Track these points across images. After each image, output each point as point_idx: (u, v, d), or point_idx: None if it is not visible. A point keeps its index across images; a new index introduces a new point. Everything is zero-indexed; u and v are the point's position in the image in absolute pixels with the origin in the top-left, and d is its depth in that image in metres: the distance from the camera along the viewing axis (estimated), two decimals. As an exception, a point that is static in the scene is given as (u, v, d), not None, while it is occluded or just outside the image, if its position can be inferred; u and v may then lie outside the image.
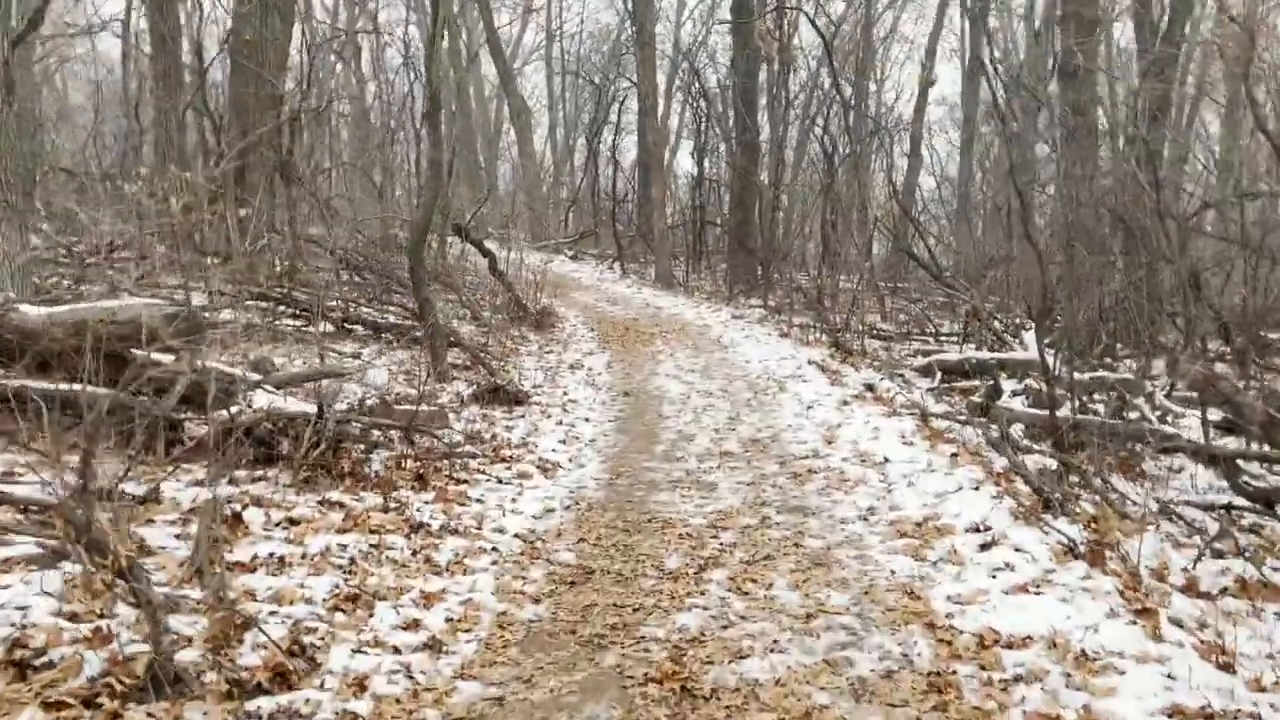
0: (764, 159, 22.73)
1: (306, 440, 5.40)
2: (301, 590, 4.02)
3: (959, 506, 5.70)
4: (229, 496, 4.79)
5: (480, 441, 7.35)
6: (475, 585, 4.59)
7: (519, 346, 12.71)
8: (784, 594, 4.59)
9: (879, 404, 9.18)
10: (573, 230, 30.61)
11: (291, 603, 3.90)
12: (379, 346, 10.13)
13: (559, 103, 38.38)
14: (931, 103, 29.95)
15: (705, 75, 25.91)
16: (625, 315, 16.62)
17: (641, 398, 10.00)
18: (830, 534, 5.50)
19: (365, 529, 4.89)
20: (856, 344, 13.18)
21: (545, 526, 5.68)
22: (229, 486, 4.98)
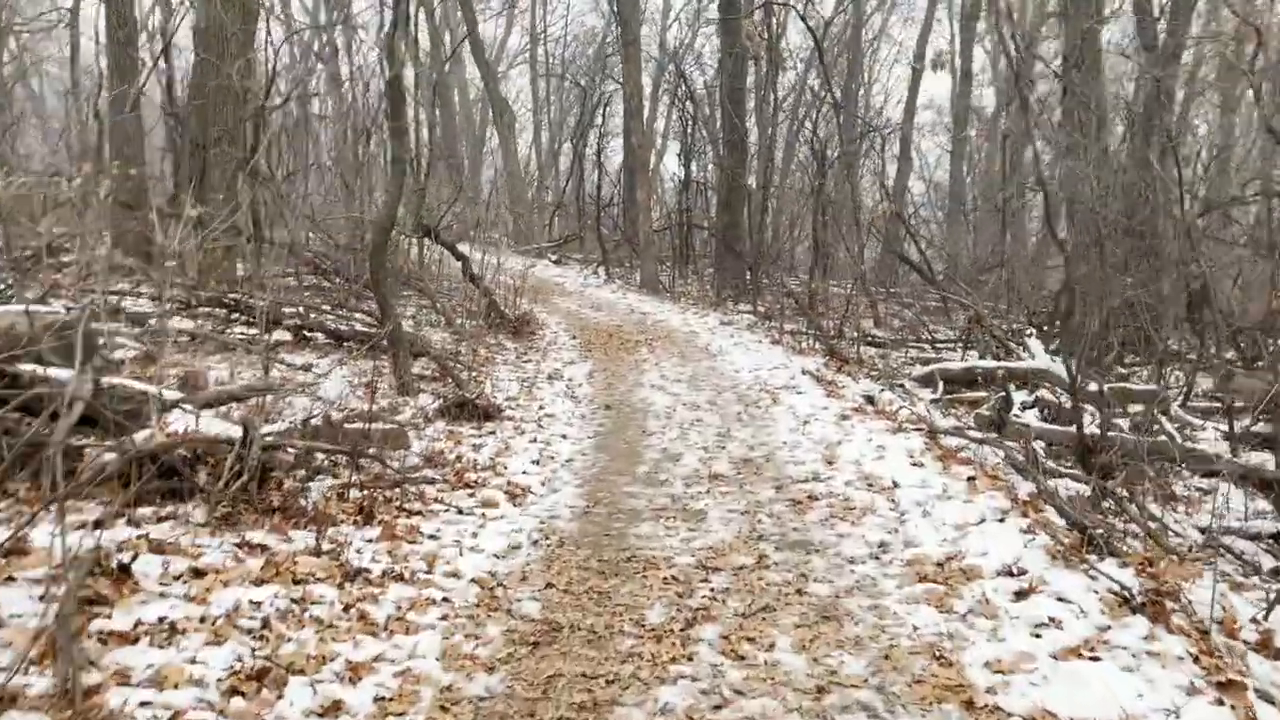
0: (752, 161, 22.06)
1: (227, 469, 4.61)
2: (191, 668, 3.23)
3: (985, 543, 4.95)
4: (121, 542, 4.00)
5: (442, 464, 6.57)
6: (417, 649, 3.81)
7: (495, 355, 11.93)
8: (787, 658, 3.83)
9: (881, 418, 8.44)
10: (557, 235, 29.86)
11: (176, 686, 3.12)
12: (339, 356, 9.33)
13: (544, 106, 37.66)
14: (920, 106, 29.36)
15: (692, 78, 25.26)
16: (609, 322, 15.85)
17: (624, 411, 9.23)
18: (838, 577, 4.74)
19: (288, 579, 4.10)
20: (852, 351, 12.46)
21: (509, 568, 4.90)
22: (127, 528, 4.19)
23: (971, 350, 12.32)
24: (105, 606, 3.51)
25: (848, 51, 25.79)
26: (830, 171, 20.16)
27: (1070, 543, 4.73)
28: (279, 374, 7.62)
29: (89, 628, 3.35)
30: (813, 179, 20.29)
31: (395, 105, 9.01)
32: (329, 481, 5.53)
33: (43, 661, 2.99)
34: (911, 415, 8.44)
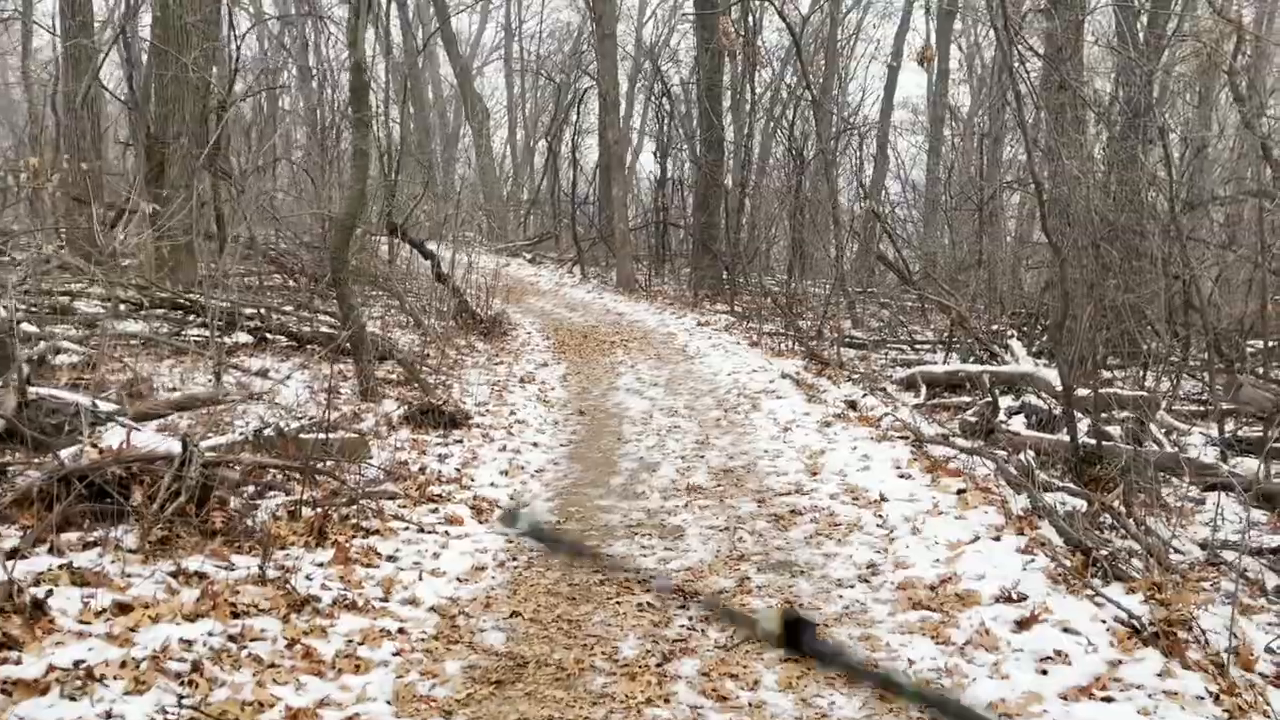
0: (729, 159, 21.78)
1: (164, 489, 4.23)
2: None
3: (980, 564, 4.65)
4: (39, 574, 3.62)
5: (404, 477, 6.21)
6: (367, 690, 3.46)
7: (465, 358, 11.55)
8: (773, 699, 3.51)
9: (864, 424, 8.16)
10: (532, 233, 29.47)
11: (85, 745, 2.75)
12: (299, 360, 8.93)
13: (519, 102, 37.24)
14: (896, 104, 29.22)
15: (668, 75, 24.94)
16: (584, 322, 15.51)
17: (599, 417, 8.90)
18: (825, 602, 4.42)
19: (226, 612, 3.73)
20: (831, 353, 12.18)
21: (471, 593, 4.55)
22: (48, 556, 3.80)
23: (953, 353, 12.08)
24: (14, 650, 3.13)
25: (825, 49, 25.57)
26: (808, 170, 19.92)
27: (1072, 565, 4.44)
28: (233, 380, 7.22)
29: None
30: (790, 177, 20.05)
31: (358, 95, 8.61)
32: (280, 499, 5.15)
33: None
34: (895, 421, 8.15)
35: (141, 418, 4.88)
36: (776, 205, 22.12)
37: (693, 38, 23.31)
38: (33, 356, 5.46)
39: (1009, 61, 6.57)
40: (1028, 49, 7.35)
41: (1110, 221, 10.71)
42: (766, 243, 22.48)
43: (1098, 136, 13.57)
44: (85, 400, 4.54)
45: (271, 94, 18.80)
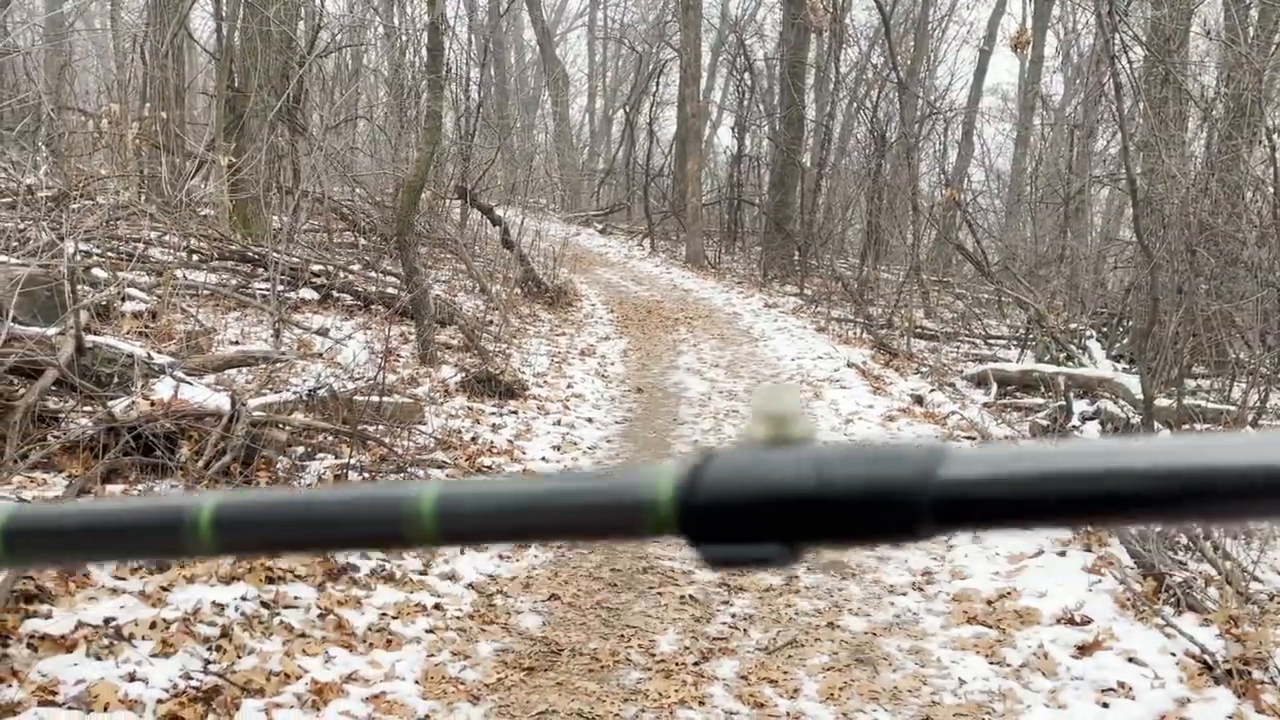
0: (808, 139, 21.36)
1: (211, 446, 4.20)
2: (129, 686, 2.82)
3: (1042, 580, 4.42)
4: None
5: (455, 446, 6.15)
6: (396, 668, 3.39)
7: (527, 326, 11.49)
8: (813, 709, 3.35)
9: (930, 421, 7.90)
10: (604, 204, 29.34)
11: (106, 708, 2.71)
12: (362, 320, 8.94)
13: (599, 71, 37.03)
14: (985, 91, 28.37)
15: (751, 49, 24.51)
16: (649, 296, 15.36)
17: (656, 395, 8.76)
18: (875, 609, 4.24)
19: (261, 576, 3.69)
20: (900, 344, 11.85)
21: (512, 571, 4.47)
22: (91, 507, 3.80)
23: (1028, 351, 11.67)
24: (46, 603, 3.12)
25: (915, 29, 24.88)
26: (889, 153, 19.43)
27: (1142, 590, 4.19)
28: (293, 337, 7.23)
29: (22, 629, 2.96)
30: (870, 160, 19.59)
31: (434, 55, 8.53)
32: (328, 461, 5.12)
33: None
34: (963, 420, 7.88)
35: (196, 371, 4.87)
36: (854, 188, 21.67)
37: (779, 12, 22.83)
38: (95, 303, 5.49)
39: (1111, 50, 6.22)
40: (1131, 38, 6.95)
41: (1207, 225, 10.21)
42: (841, 225, 22.07)
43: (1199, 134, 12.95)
44: (140, 351, 4.54)
45: (354, 51, 18.89)
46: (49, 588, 3.17)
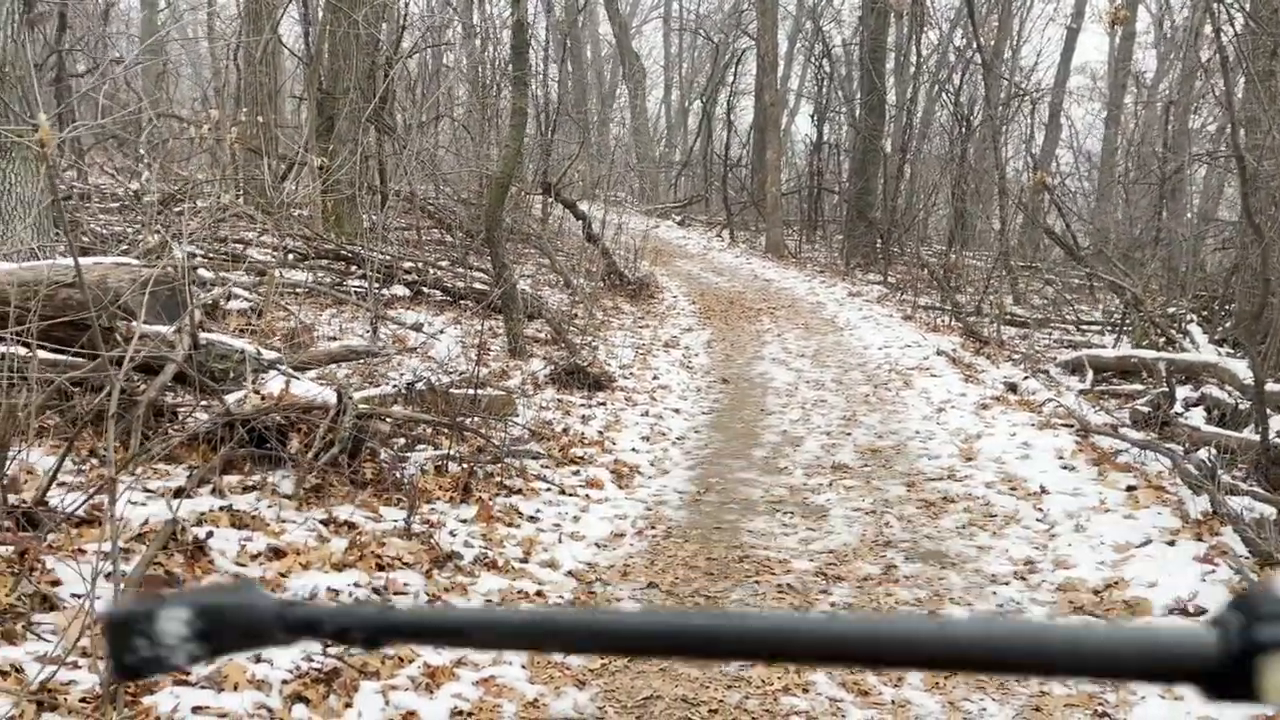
0: (889, 124, 21.04)
1: (319, 438, 4.35)
2: (255, 667, 2.95)
3: (1152, 570, 4.31)
4: (201, 514, 3.77)
5: (548, 437, 6.24)
6: (503, 653, 3.47)
7: (611, 319, 11.58)
8: (918, 698, 3.33)
9: (1024, 409, 7.74)
10: (682, 195, 29.33)
11: (236, 688, 2.84)
12: (453, 315, 9.12)
13: (675, 62, 37.01)
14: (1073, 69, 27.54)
15: (829, 35, 24.23)
16: (731, 287, 15.33)
17: (742, 386, 8.76)
18: (978, 599, 4.19)
19: (372, 563, 3.81)
20: (991, 331, 11.62)
21: (609, 560, 4.53)
22: (210, 497, 3.97)
23: (1124, 336, 11.33)
24: (176, 588, 3.27)
25: (998, 9, 24.30)
26: (973, 137, 19.03)
27: (1259, 580, 4.05)
28: (388, 332, 7.41)
29: (154, 611, 3.11)
30: (954, 144, 19.22)
31: (518, 53, 8.64)
32: (428, 453, 5.25)
33: (95, 653, 2.74)
34: (1059, 407, 7.70)
35: (301, 367, 5.04)
36: (938, 173, 21.29)
37: (858, -4, 22.53)
38: (206, 302, 5.71)
39: (1215, 22, 6.00)
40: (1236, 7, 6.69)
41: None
42: (925, 211, 21.70)
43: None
44: (250, 347, 4.71)
45: (436, 50, 19.22)
46: (177, 573, 3.32)
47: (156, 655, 0.58)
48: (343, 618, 0.58)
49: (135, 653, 0.58)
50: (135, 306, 3.94)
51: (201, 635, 0.57)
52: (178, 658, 0.58)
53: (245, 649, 0.60)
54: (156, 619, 0.57)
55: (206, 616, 0.58)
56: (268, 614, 0.58)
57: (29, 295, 3.95)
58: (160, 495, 3.87)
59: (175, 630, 0.57)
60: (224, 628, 0.58)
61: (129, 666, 0.59)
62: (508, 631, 0.59)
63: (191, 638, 0.57)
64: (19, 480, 3.49)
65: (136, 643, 0.58)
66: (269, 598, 0.59)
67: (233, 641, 0.58)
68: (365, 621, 0.57)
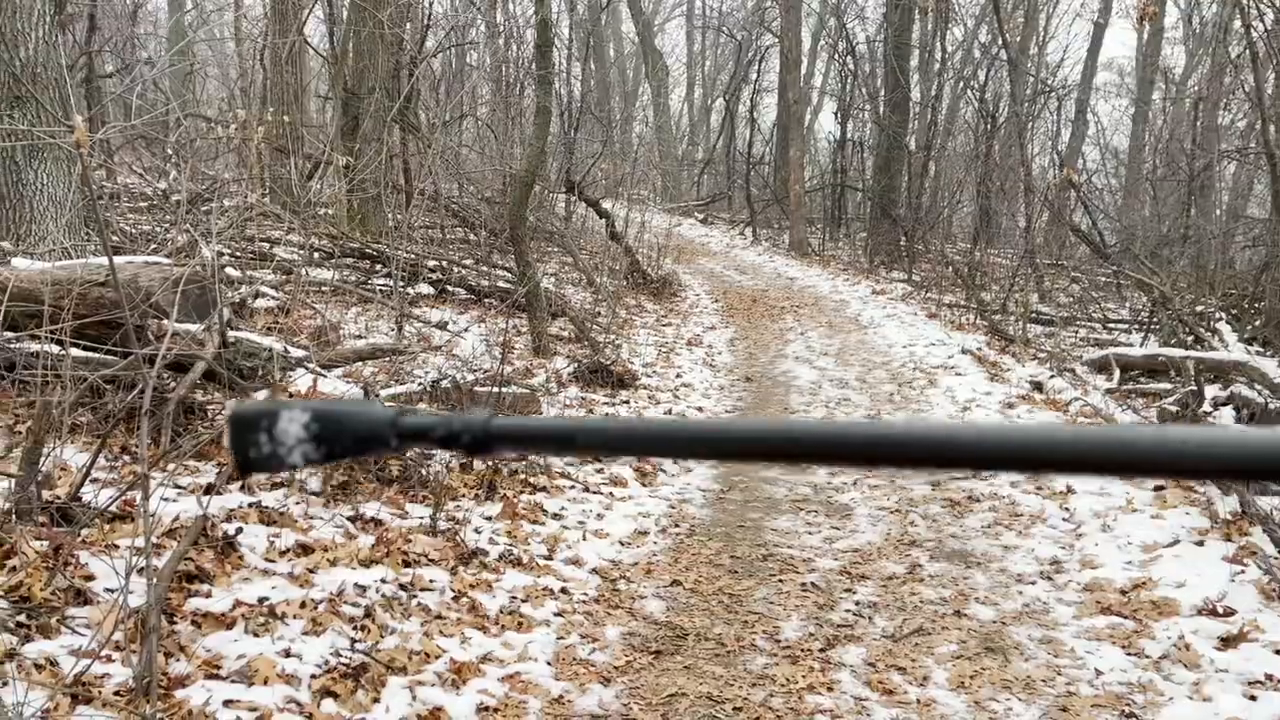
0: (913, 121, 20.92)
1: (346, 436, 4.38)
2: (285, 661, 2.98)
3: (1179, 570, 4.28)
4: (231, 510, 3.81)
5: (571, 434, 6.24)
6: (528, 650, 3.49)
7: (634, 317, 11.60)
8: (944, 697, 3.33)
9: (1051, 408, 7.69)
10: (705, 193, 29.30)
11: (266, 681, 2.87)
12: (477, 313, 9.15)
13: (698, 60, 36.96)
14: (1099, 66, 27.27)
15: (853, 32, 24.11)
16: (754, 286, 15.31)
17: (765, 385, 8.75)
18: (1003, 599, 4.17)
19: (399, 560, 3.84)
20: (1016, 329, 11.54)
21: (633, 557, 4.54)
22: (240, 494, 4.01)
23: (1152, 334, 11.23)
24: (205, 583, 3.31)
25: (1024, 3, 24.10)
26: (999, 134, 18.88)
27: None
28: (413, 330, 7.46)
29: (186, 606, 3.16)
30: (979, 141, 19.09)
31: (543, 52, 8.66)
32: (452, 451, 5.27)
33: (129, 647, 2.79)
34: (1085, 407, 7.64)
35: (328, 364, 5.08)
36: (962, 170, 21.16)
37: (882, -7, 22.42)
38: (234, 300, 5.77)
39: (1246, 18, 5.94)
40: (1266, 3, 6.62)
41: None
42: (949, 209, 21.56)
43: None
44: (278, 345, 4.76)
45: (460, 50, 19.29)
46: (207, 568, 3.36)
47: (275, 452, 0.60)
48: (453, 423, 0.59)
49: (258, 448, 0.60)
50: (167, 305, 3.99)
51: (318, 439, 0.60)
52: (294, 457, 0.60)
53: (359, 454, 0.62)
54: (279, 419, 0.60)
55: (324, 421, 0.60)
56: (382, 421, 0.59)
57: (62, 294, 4.00)
58: (191, 492, 3.92)
59: (295, 431, 0.59)
60: (340, 432, 0.60)
61: (251, 460, 0.61)
62: (611, 438, 0.60)
63: (309, 439, 0.60)
64: (53, 476, 3.55)
65: (259, 439, 0.60)
66: (384, 408, 0.60)
67: (347, 446, 0.60)
68: (472, 427, 0.58)
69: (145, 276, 4.20)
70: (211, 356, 4.27)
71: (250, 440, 0.60)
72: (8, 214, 5.98)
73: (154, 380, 3.57)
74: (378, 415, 0.60)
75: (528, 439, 0.64)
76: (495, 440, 0.58)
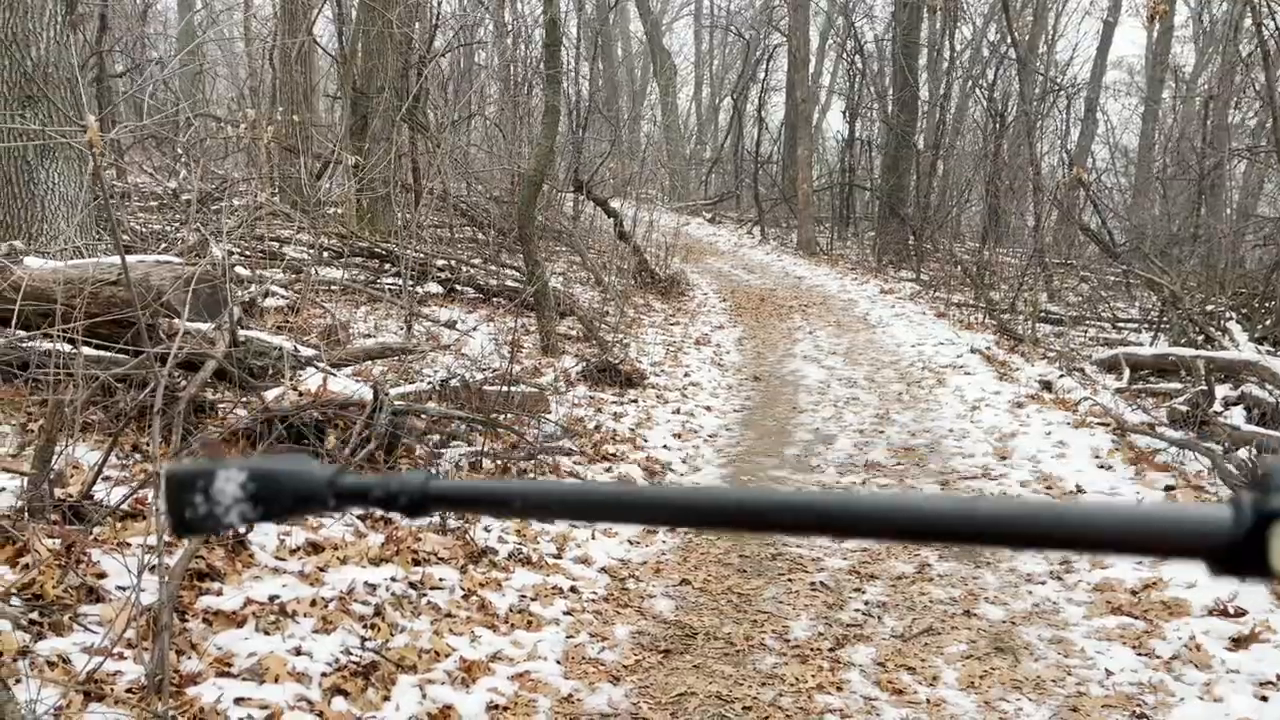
0: (922, 120, 20.89)
1: (356, 434, 4.40)
2: (296, 659, 2.99)
3: (1191, 571, 4.25)
4: (242, 509, 3.82)
5: (580, 433, 6.26)
6: (538, 648, 3.50)
7: (642, 316, 11.60)
8: (954, 697, 3.32)
9: (1060, 407, 7.66)
10: (713, 192, 29.29)
11: (277, 679, 2.88)
12: (486, 313, 9.17)
13: (706, 59, 36.97)
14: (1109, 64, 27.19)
15: (861, 31, 24.07)
16: (762, 285, 15.31)
17: (773, 384, 8.74)
18: (1013, 598, 4.16)
19: (408, 558, 3.85)
20: (1025, 328, 11.52)
21: (642, 556, 4.54)
22: (250, 492, 4.02)
23: (1162, 334, 11.19)
24: (217, 581, 3.33)
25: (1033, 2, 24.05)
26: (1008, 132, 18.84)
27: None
28: (422, 329, 7.48)
29: (197, 604, 3.17)
30: (988, 140, 19.05)
31: (551, 51, 8.67)
32: (463, 449, 5.29)
33: (141, 644, 2.80)
34: (1095, 406, 7.62)
35: (338, 363, 5.10)
36: (971, 169, 21.11)
37: (890, -8, 22.38)
38: (245, 299, 5.79)
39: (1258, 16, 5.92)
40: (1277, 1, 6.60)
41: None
42: (958, 208, 21.53)
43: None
44: (288, 344, 4.77)
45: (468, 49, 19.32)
46: (218, 566, 3.38)
47: (212, 512, 0.59)
48: (390, 485, 0.58)
49: (193, 509, 0.60)
50: (178, 304, 4.00)
51: (255, 498, 0.59)
52: (231, 517, 0.60)
53: (296, 514, 0.61)
54: (215, 479, 0.59)
55: (261, 480, 0.59)
56: (319, 481, 0.59)
57: (74, 293, 4.02)
58: (201, 490, 3.93)
59: (231, 491, 0.59)
60: (278, 492, 0.59)
61: (186, 521, 0.60)
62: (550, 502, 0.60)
63: (245, 499, 0.59)
64: (65, 475, 3.56)
65: (195, 499, 0.60)
66: (321, 467, 0.60)
67: (285, 506, 0.60)
68: (410, 489, 0.58)
69: (156, 276, 4.22)
70: (222, 355, 4.29)
71: (186, 500, 0.60)
72: (20, 213, 6.01)
73: (165, 379, 3.58)
74: (315, 475, 0.59)
75: (465, 501, 0.64)
76: (432, 502, 0.58)
